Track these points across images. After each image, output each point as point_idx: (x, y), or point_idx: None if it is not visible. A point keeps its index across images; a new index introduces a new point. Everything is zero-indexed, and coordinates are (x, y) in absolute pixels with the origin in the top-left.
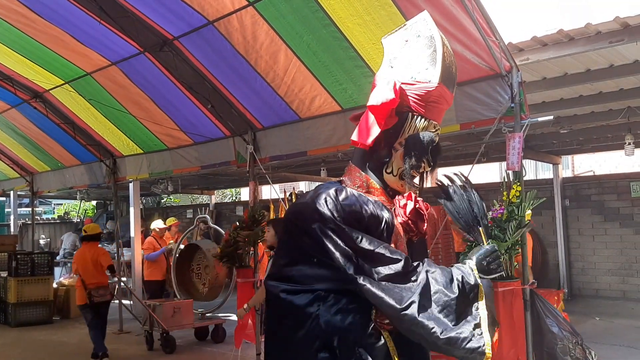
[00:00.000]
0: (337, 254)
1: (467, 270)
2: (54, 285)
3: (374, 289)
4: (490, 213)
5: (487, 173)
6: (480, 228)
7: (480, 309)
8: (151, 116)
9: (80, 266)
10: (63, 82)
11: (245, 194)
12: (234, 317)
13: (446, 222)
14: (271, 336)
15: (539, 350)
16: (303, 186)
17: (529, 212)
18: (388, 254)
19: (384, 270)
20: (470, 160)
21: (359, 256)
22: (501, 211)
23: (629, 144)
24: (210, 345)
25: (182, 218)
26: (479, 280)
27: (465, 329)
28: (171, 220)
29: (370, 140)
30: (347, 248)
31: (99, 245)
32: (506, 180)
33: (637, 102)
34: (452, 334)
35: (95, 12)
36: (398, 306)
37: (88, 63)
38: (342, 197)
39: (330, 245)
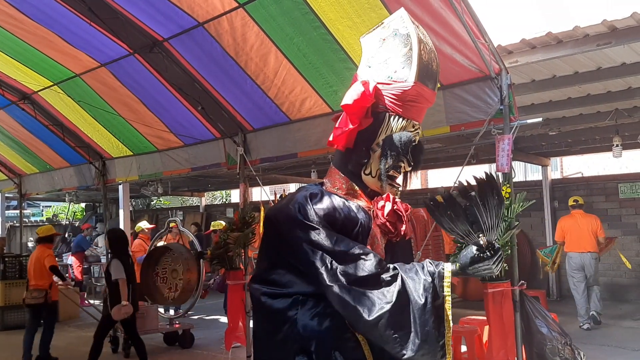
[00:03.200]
0: (306, 261)
1: (437, 276)
2: None
3: (344, 296)
4: None
5: (476, 175)
6: (482, 236)
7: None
8: (141, 118)
9: (29, 267)
10: (52, 83)
11: (235, 195)
12: (223, 319)
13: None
14: (255, 339)
15: (528, 350)
16: (293, 188)
17: None
18: (363, 256)
19: (357, 272)
20: (460, 162)
21: (332, 259)
22: None
23: (617, 145)
24: (200, 347)
25: None
26: (445, 292)
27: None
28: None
29: (344, 141)
30: (318, 253)
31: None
32: None
33: (624, 104)
34: (416, 356)
35: (84, 13)
36: (367, 317)
37: (77, 64)
38: (315, 200)
39: (302, 253)
